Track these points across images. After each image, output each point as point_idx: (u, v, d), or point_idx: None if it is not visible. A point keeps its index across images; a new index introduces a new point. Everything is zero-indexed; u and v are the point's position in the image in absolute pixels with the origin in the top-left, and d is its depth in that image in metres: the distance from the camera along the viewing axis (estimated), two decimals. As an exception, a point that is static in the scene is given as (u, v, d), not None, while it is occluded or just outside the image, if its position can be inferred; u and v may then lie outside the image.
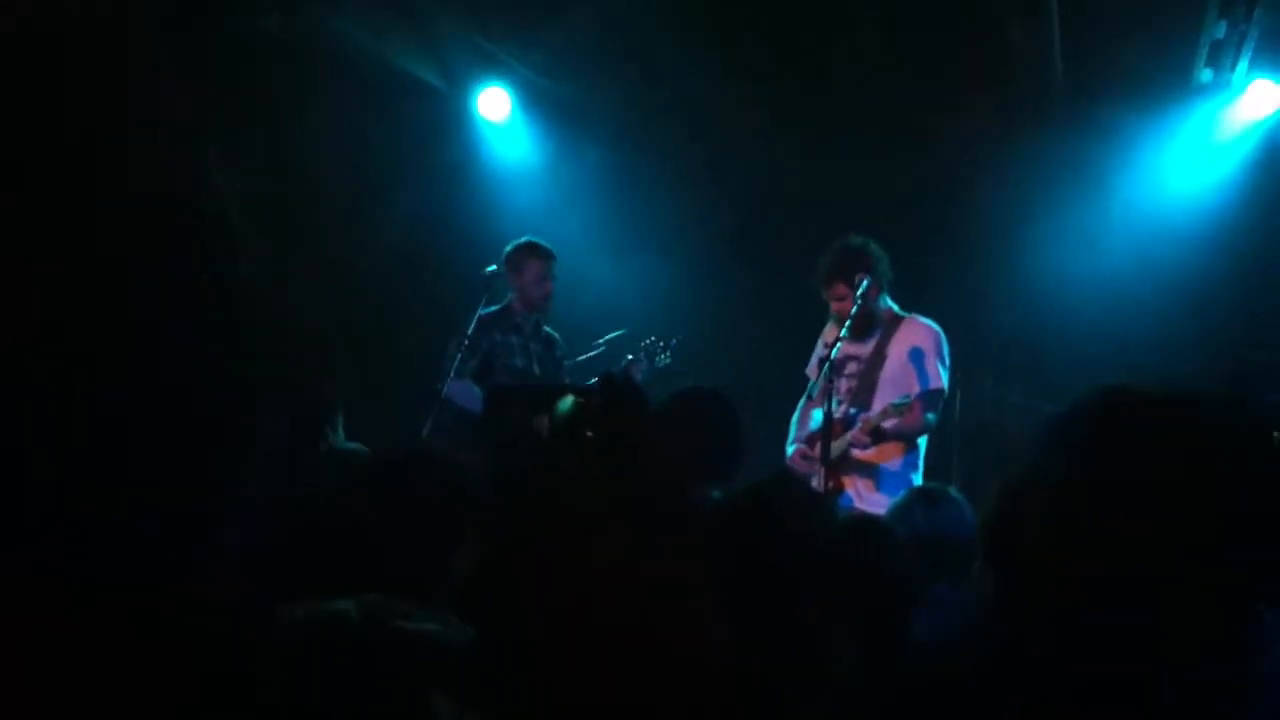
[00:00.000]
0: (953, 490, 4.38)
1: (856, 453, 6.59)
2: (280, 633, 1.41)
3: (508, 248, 7.40)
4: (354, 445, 4.40)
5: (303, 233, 8.49)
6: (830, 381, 6.35)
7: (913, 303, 6.97)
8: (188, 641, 1.06)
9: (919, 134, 8.70)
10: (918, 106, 8.59)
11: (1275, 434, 1.63)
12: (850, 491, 6.58)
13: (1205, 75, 8.14)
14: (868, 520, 3.94)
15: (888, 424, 6.49)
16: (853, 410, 6.69)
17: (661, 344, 7.52)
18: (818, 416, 6.47)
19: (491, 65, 8.97)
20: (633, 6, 8.08)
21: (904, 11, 7.81)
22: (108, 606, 1.02)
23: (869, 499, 6.51)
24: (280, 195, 8.25)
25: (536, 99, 9.28)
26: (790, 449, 6.89)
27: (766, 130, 9.04)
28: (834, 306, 6.72)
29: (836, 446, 6.50)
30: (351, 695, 1.45)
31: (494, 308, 7.28)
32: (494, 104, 9.11)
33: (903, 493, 4.91)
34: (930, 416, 6.61)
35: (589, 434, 2.11)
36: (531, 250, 7.37)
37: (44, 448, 1.00)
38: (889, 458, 6.64)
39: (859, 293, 6.51)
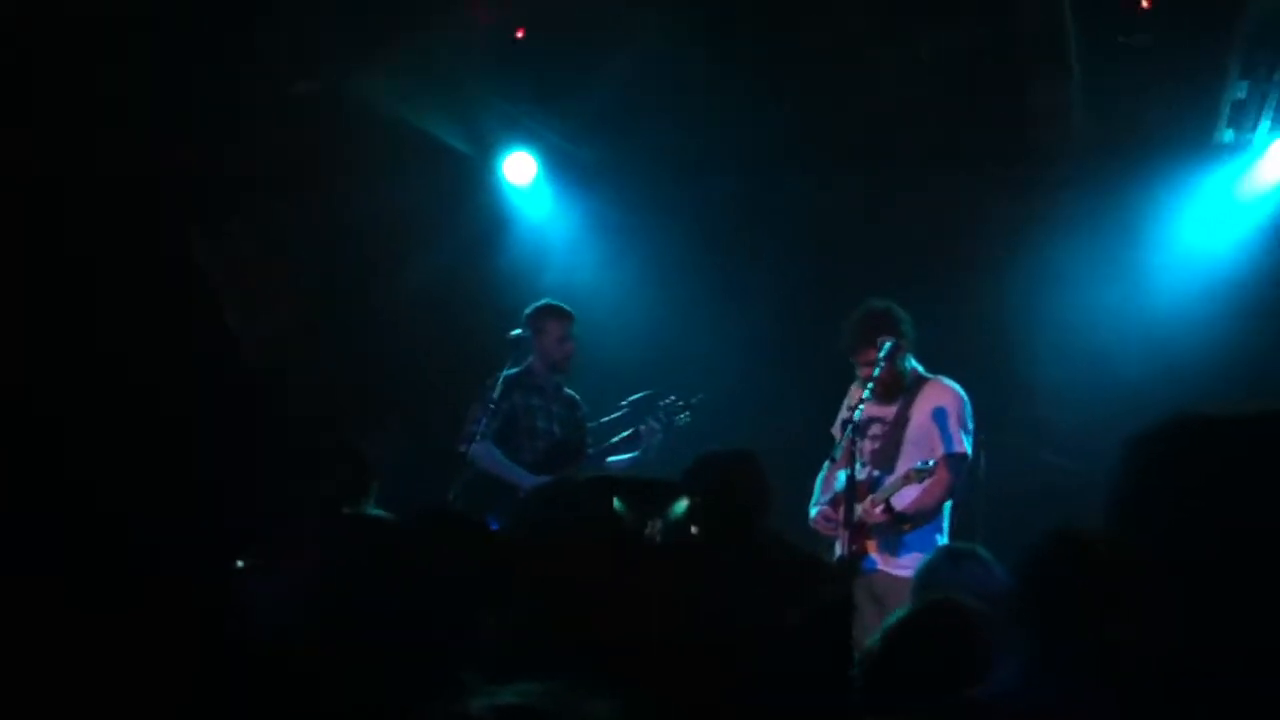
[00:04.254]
0: (980, 549, 4.36)
1: (880, 512, 6.57)
2: None
3: (528, 310, 7.45)
4: (379, 512, 4.40)
5: (329, 295, 8.57)
6: (853, 443, 6.36)
7: (937, 361, 6.97)
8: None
9: (941, 192, 8.72)
10: (941, 164, 8.61)
11: None
12: (874, 555, 6.56)
13: (1227, 135, 8.15)
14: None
15: (907, 508, 6.50)
16: (877, 472, 6.69)
17: (681, 403, 7.54)
18: (842, 478, 6.46)
19: (516, 130, 9.06)
20: (655, 72, 8.14)
21: (930, 70, 7.85)
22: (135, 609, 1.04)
23: (893, 562, 6.49)
24: (308, 257, 8.34)
25: (561, 162, 9.36)
26: (814, 511, 6.87)
27: (788, 190, 9.08)
28: (861, 371, 6.72)
29: (860, 509, 6.50)
30: None
31: (516, 369, 7.30)
32: (519, 168, 9.18)
33: (929, 553, 4.92)
34: (952, 482, 6.60)
35: (694, 530, 2.14)
36: (551, 312, 7.43)
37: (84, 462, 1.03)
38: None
39: (882, 355, 6.53)
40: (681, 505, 2.04)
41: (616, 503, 2.06)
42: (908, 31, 7.65)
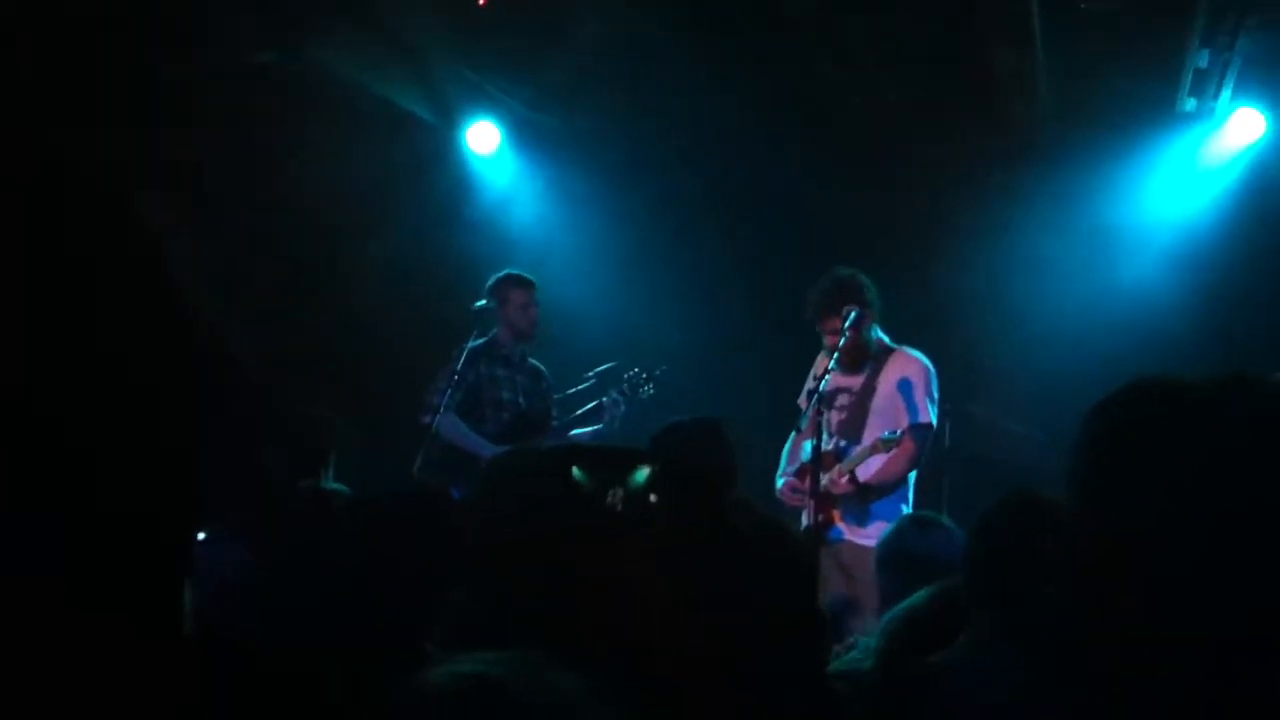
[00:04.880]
0: (944, 518, 4.38)
1: (845, 483, 6.57)
2: (422, 702, 1.40)
3: (490, 280, 7.42)
4: (337, 486, 4.36)
5: (293, 265, 8.50)
6: (819, 413, 6.35)
7: (903, 332, 6.97)
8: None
9: (908, 163, 8.72)
10: (908, 135, 8.61)
11: None
12: (841, 524, 6.57)
13: (1189, 104, 8.17)
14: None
15: (871, 478, 6.53)
16: (843, 443, 6.69)
17: (645, 375, 7.52)
18: (808, 448, 6.46)
19: (480, 98, 9.00)
20: (622, 41, 8.11)
21: (896, 41, 7.85)
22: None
23: (860, 531, 6.50)
24: (273, 228, 8.28)
25: (525, 131, 9.30)
26: (780, 482, 6.87)
27: (756, 160, 9.06)
28: (828, 339, 6.71)
29: (826, 479, 6.50)
30: None
31: (481, 340, 7.27)
32: (483, 137, 9.13)
33: (895, 520, 4.94)
34: (917, 452, 6.61)
35: (653, 498, 2.12)
36: (513, 281, 7.41)
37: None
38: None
39: (847, 324, 6.51)
40: (642, 473, 2.03)
41: (576, 471, 2.04)
42: (874, 4, 7.65)
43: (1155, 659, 1.49)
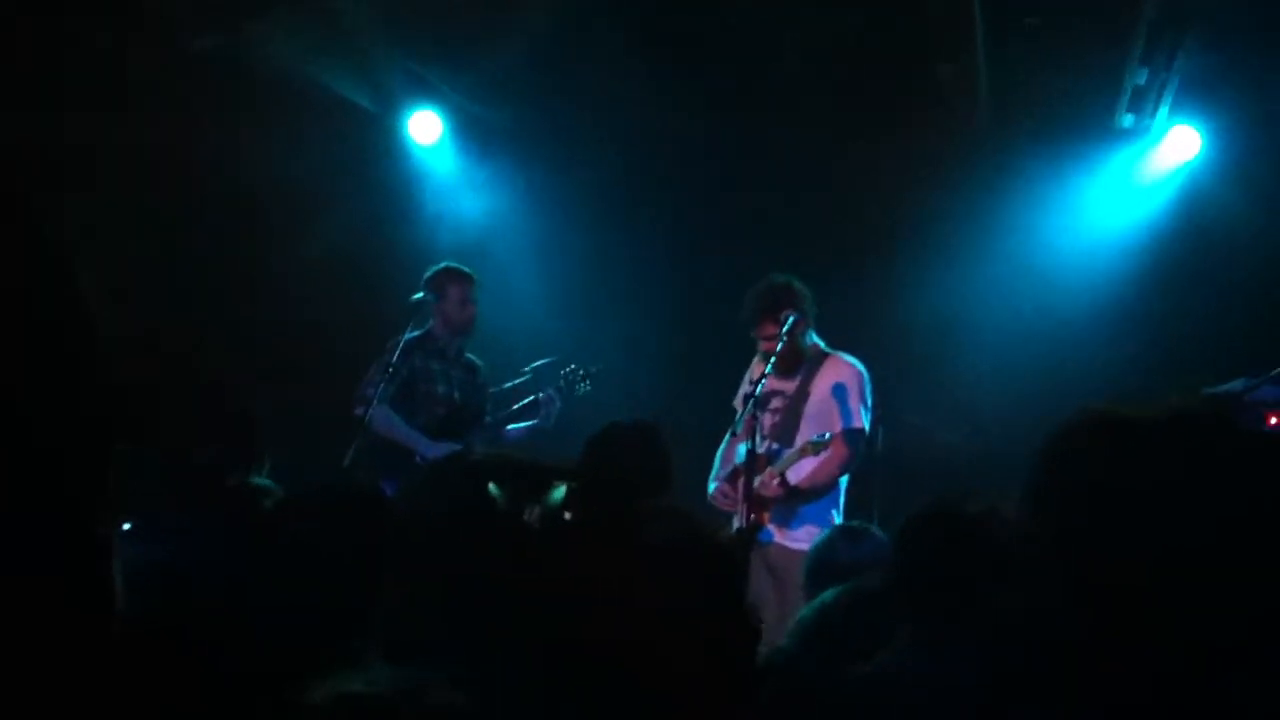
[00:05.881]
0: (874, 528, 4.41)
1: (776, 485, 6.61)
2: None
3: (428, 273, 7.35)
4: (265, 482, 4.31)
5: (231, 253, 8.42)
6: (754, 417, 6.38)
7: (838, 338, 7.01)
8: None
9: (848, 170, 8.74)
10: (848, 142, 8.64)
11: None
12: (771, 527, 6.60)
13: (1127, 120, 8.28)
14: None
15: (801, 481, 6.56)
16: (775, 446, 6.71)
17: (582, 372, 7.51)
18: (742, 451, 6.48)
19: (422, 89, 8.94)
20: (565, 35, 8.08)
21: (840, 48, 7.88)
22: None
23: (789, 534, 6.54)
24: (211, 215, 8.20)
25: (467, 123, 9.25)
26: (712, 486, 6.88)
27: (696, 160, 9.07)
28: (763, 345, 6.74)
29: (758, 482, 6.52)
30: None
31: (417, 332, 7.21)
32: (424, 127, 9.06)
33: (826, 529, 4.98)
34: (849, 457, 6.65)
35: (567, 515, 2.13)
36: (450, 275, 7.33)
37: None
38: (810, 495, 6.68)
39: (784, 329, 6.54)
40: (560, 491, 2.03)
41: (492, 487, 2.04)
42: (816, 9, 7.68)
43: (1116, 668, 1.53)
